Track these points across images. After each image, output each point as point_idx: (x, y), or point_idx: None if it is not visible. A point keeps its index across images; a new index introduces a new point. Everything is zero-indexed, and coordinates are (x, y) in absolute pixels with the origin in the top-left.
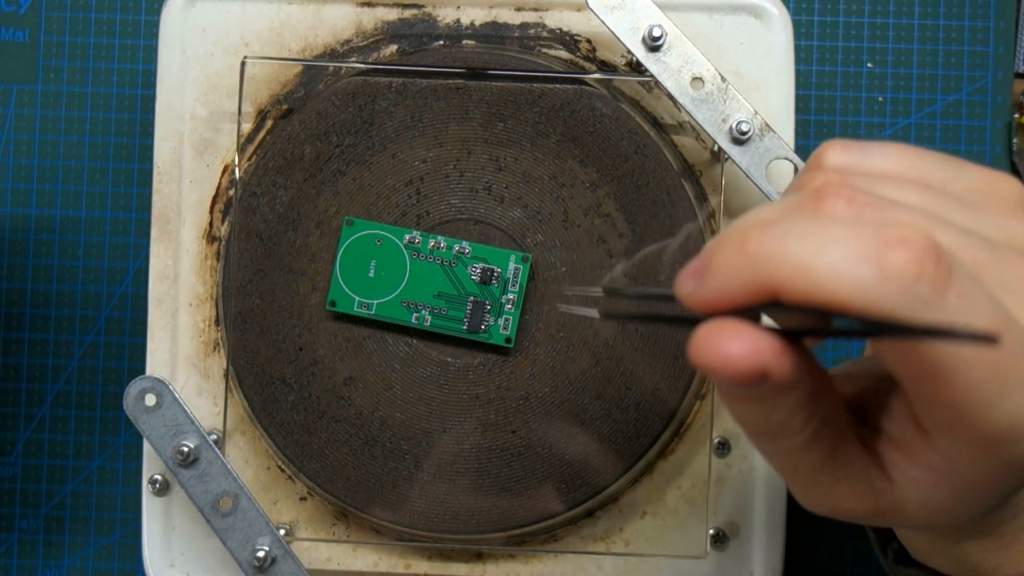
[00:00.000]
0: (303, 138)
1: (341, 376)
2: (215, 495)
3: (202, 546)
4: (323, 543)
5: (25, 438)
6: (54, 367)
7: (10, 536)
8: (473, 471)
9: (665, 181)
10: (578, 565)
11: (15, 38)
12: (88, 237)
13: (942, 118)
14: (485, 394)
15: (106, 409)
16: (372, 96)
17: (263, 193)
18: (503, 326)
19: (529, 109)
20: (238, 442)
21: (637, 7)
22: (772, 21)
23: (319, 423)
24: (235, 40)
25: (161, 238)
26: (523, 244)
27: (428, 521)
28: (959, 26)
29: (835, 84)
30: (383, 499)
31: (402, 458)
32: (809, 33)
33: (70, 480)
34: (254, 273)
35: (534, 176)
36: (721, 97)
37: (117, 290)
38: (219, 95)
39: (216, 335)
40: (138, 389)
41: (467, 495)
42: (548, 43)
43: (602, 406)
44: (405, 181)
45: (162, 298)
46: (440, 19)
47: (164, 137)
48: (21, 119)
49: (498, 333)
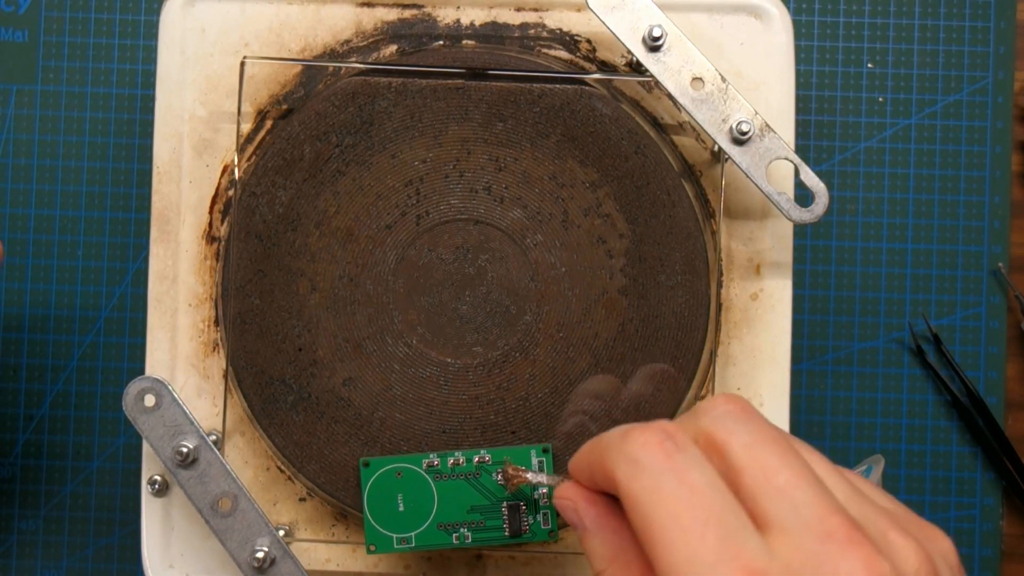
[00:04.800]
0: (303, 138)
1: (340, 377)
2: (214, 496)
3: (201, 547)
4: (322, 544)
5: (24, 439)
6: (53, 367)
7: (9, 537)
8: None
9: (665, 181)
10: (578, 565)
11: (15, 38)
12: (87, 237)
13: (942, 118)
14: (485, 395)
15: (105, 410)
16: (372, 96)
17: (262, 193)
18: (544, 521)
19: (529, 109)
20: (237, 443)
21: (637, 7)
22: (772, 21)
23: (319, 424)
24: (235, 40)
25: (160, 238)
26: (523, 244)
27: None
28: (959, 26)
29: (835, 84)
30: None
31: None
32: (809, 33)
33: (69, 481)
34: (253, 273)
35: (534, 176)
36: (721, 97)
37: (116, 290)
38: (219, 95)
39: (215, 335)
40: (137, 389)
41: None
42: (548, 43)
43: (602, 406)
44: (405, 181)
45: (161, 298)
46: (440, 19)
47: (164, 137)
48: (21, 119)
49: (541, 530)
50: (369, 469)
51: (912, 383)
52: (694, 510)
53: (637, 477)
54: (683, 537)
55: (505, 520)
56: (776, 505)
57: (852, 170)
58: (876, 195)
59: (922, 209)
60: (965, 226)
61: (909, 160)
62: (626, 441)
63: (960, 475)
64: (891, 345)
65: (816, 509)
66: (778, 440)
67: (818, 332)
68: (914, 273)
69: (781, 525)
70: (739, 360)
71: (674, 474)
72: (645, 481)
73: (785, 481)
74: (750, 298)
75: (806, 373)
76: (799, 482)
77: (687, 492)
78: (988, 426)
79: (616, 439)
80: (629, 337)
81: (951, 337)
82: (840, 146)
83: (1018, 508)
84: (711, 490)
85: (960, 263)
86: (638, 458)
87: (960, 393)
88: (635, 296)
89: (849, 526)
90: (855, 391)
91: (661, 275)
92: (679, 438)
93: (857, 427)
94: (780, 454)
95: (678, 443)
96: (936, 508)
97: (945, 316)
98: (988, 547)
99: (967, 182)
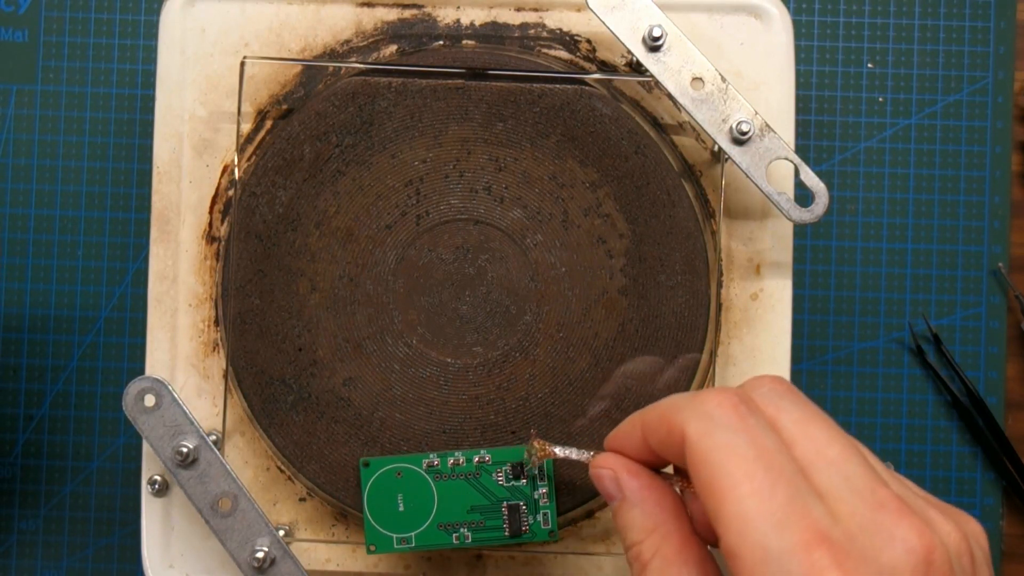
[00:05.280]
0: (302, 138)
1: (340, 377)
2: (214, 496)
3: (201, 547)
4: (322, 544)
5: (24, 439)
6: (53, 368)
7: (9, 537)
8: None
9: (665, 181)
10: (578, 566)
11: (15, 38)
12: (87, 237)
13: (942, 118)
14: (485, 395)
15: (105, 410)
16: (372, 96)
17: (262, 193)
18: (543, 521)
19: (529, 109)
20: (237, 443)
21: (637, 7)
22: (772, 21)
23: (319, 424)
24: (235, 40)
25: (160, 238)
26: (523, 244)
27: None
28: (959, 26)
29: (835, 84)
30: None
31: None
32: (809, 33)
33: (69, 481)
34: (253, 273)
35: (534, 176)
36: (721, 97)
37: (116, 290)
38: (219, 95)
39: (215, 335)
40: (137, 389)
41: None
42: (548, 43)
43: (602, 406)
44: (405, 181)
45: (161, 298)
46: (440, 19)
47: (164, 137)
48: (21, 119)
49: (541, 530)
50: (369, 469)
51: (912, 383)
52: (767, 470)
53: (712, 433)
54: (755, 493)
55: (505, 520)
56: (829, 476)
57: (852, 170)
58: (876, 195)
59: (922, 209)
60: (965, 226)
61: (909, 160)
62: (700, 400)
63: (960, 475)
64: (891, 345)
65: (867, 481)
66: (824, 418)
67: (818, 332)
68: (914, 273)
69: (836, 494)
70: (739, 360)
71: (748, 434)
72: (720, 437)
73: (836, 454)
74: (750, 298)
75: (806, 373)
76: (849, 455)
77: (760, 452)
78: (988, 426)
79: (686, 399)
80: (629, 337)
81: (951, 337)
82: (840, 146)
83: (1018, 508)
84: (782, 455)
85: (960, 263)
86: (714, 416)
87: (960, 393)
88: (635, 296)
89: (898, 499)
90: (855, 391)
91: (661, 275)
92: (751, 404)
93: (857, 427)
94: (828, 430)
95: (751, 408)
96: None
97: (945, 316)
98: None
99: (967, 182)
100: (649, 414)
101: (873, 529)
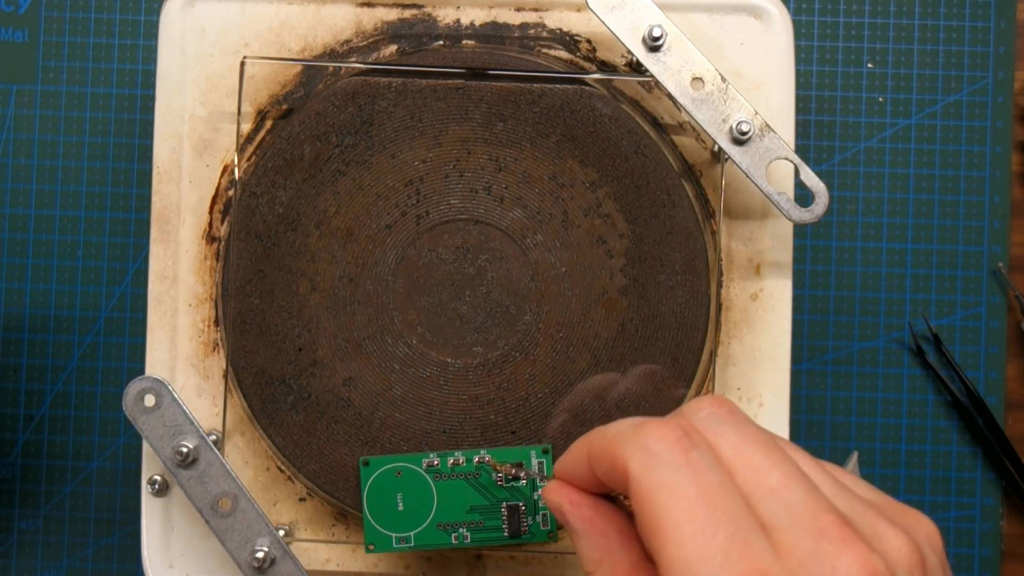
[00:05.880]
0: (302, 138)
1: (340, 377)
2: (214, 496)
3: (201, 547)
4: (322, 544)
5: (24, 439)
6: (53, 368)
7: (9, 537)
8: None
9: (665, 181)
10: (577, 566)
11: (15, 38)
12: (87, 237)
13: (942, 118)
14: (485, 395)
15: (105, 410)
16: (372, 96)
17: (262, 193)
18: (543, 521)
19: (529, 109)
20: (237, 443)
21: (637, 7)
22: (772, 21)
23: (319, 424)
24: (235, 40)
25: (160, 238)
26: (523, 244)
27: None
28: (959, 26)
29: (835, 84)
30: None
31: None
32: (809, 33)
33: (69, 481)
34: (253, 273)
35: (534, 176)
36: (721, 97)
37: (116, 290)
38: (219, 95)
39: (215, 335)
40: (137, 389)
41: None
42: (548, 43)
43: (602, 406)
44: (405, 181)
45: (161, 298)
46: (440, 19)
47: (164, 137)
48: (21, 119)
49: (540, 530)
50: (369, 468)
51: (912, 383)
52: (708, 509)
53: (653, 470)
54: (696, 535)
55: (504, 520)
56: (770, 506)
57: (852, 170)
58: (876, 195)
59: (922, 209)
60: (965, 226)
61: (909, 160)
62: (643, 432)
63: (960, 475)
64: (891, 345)
65: (808, 508)
66: (765, 441)
67: (818, 332)
68: (914, 273)
69: (777, 525)
70: (739, 360)
71: (690, 471)
72: (662, 475)
73: (776, 481)
74: (750, 298)
75: (806, 373)
76: (789, 482)
77: (702, 490)
78: (988, 426)
79: (630, 429)
80: (629, 337)
81: (951, 337)
82: (840, 146)
83: (1018, 508)
84: (724, 491)
85: (960, 263)
86: (656, 451)
87: (960, 393)
88: (635, 296)
89: (841, 523)
90: (855, 391)
91: (661, 275)
92: (695, 436)
93: (857, 427)
94: (768, 454)
95: (694, 441)
96: (936, 508)
97: (945, 316)
98: (988, 547)
99: (967, 182)
100: (595, 444)
101: (814, 562)
